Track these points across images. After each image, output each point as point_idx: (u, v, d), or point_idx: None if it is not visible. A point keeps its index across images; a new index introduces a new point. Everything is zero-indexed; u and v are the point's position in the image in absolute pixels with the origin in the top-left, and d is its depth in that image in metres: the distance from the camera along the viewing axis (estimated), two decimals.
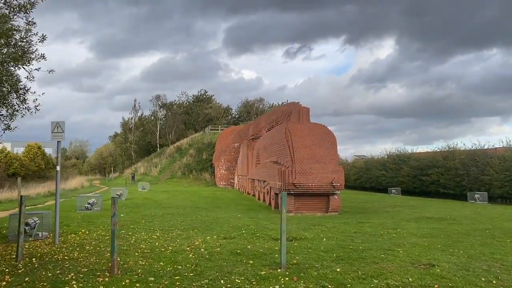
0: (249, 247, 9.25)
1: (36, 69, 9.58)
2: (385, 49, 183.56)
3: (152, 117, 67.08)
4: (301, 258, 8.10)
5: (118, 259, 7.96)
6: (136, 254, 8.56)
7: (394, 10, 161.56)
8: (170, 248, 9.13)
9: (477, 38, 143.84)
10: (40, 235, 11.09)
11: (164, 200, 23.66)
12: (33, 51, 9.43)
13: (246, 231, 11.77)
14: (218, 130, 56.61)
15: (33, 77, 9.78)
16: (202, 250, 8.92)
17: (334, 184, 18.16)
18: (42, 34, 9.37)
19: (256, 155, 27.59)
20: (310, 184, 18.13)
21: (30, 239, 10.75)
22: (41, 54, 9.57)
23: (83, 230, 11.83)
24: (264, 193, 23.77)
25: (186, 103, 72.05)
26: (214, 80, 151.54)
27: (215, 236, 10.78)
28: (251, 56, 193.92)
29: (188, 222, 13.65)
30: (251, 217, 16.10)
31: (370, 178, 42.07)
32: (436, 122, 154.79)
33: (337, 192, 18.63)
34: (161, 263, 7.71)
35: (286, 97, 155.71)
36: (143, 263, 7.75)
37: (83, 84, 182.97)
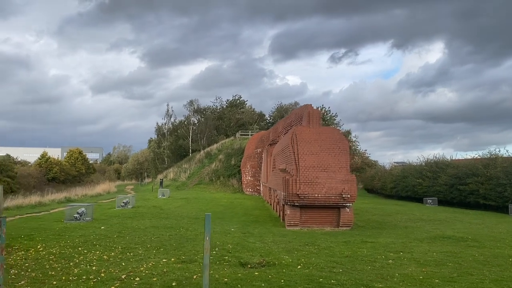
0: (196, 276, 7.65)
1: None
2: (434, 52, 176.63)
3: (185, 122, 66.81)
4: None
5: None
6: (54, 283, 7.19)
7: (444, 13, 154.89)
8: (102, 275, 7.71)
9: None
10: None
11: (171, 209, 22.46)
12: None
13: (218, 252, 10.19)
14: (248, 135, 55.24)
15: None
16: (137, 279, 7.43)
17: (343, 196, 16.18)
18: None
19: (273, 161, 25.91)
20: (316, 195, 16.23)
21: None
22: None
23: (38, 246, 10.67)
24: (275, 202, 22.04)
25: (219, 108, 71.32)
26: (259, 86, 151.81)
27: (173, 259, 9.26)
28: (296, 62, 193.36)
29: (164, 238, 12.23)
30: (245, 231, 14.47)
31: (406, 186, 39.04)
32: (489, 127, 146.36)
33: (348, 204, 16.60)
34: None
35: (331, 102, 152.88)
36: None
37: (134, 92, 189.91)
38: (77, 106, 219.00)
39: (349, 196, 16.27)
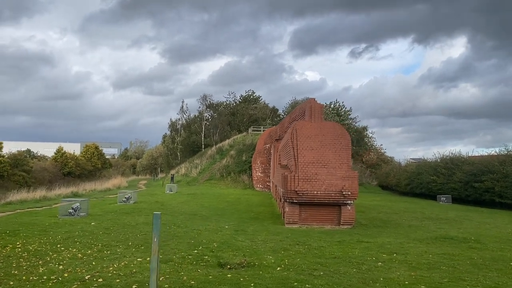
0: (162, 278, 7.20)
1: None
2: (456, 47, 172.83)
3: (198, 118, 66.67)
4: None
5: None
6: (11, 283, 6.84)
7: (467, 7, 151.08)
8: (65, 275, 7.33)
9: None
10: None
11: (173, 205, 22.14)
12: None
13: (199, 251, 9.74)
14: (260, 131, 54.72)
15: None
16: (100, 280, 7.03)
17: (344, 193, 15.53)
18: None
19: (278, 157, 25.33)
20: (315, 192, 15.62)
21: None
22: None
23: (17, 243, 10.38)
24: (279, 199, 21.48)
25: (233, 104, 70.97)
26: (278, 82, 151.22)
27: (149, 258, 8.82)
28: (315, 58, 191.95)
29: (150, 236, 11.69)
30: (239, 229, 13.99)
31: (421, 183, 37.95)
32: None
33: (350, 202, 15.94)
34: None
35: (351, 98, 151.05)
36: None
37: (154, 88, 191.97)
38: (98, 102, 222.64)
39: (349, 193, 15.60)
